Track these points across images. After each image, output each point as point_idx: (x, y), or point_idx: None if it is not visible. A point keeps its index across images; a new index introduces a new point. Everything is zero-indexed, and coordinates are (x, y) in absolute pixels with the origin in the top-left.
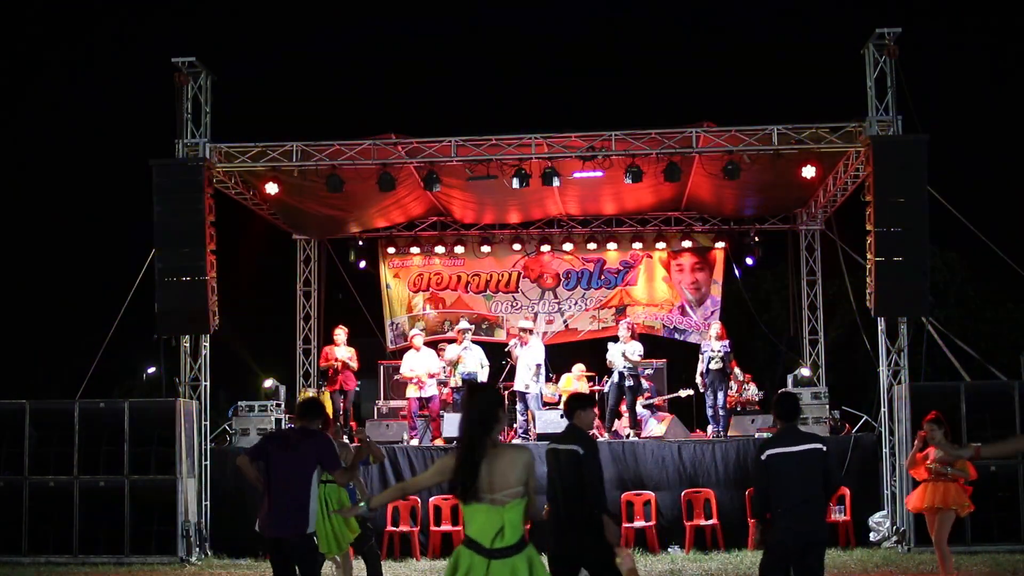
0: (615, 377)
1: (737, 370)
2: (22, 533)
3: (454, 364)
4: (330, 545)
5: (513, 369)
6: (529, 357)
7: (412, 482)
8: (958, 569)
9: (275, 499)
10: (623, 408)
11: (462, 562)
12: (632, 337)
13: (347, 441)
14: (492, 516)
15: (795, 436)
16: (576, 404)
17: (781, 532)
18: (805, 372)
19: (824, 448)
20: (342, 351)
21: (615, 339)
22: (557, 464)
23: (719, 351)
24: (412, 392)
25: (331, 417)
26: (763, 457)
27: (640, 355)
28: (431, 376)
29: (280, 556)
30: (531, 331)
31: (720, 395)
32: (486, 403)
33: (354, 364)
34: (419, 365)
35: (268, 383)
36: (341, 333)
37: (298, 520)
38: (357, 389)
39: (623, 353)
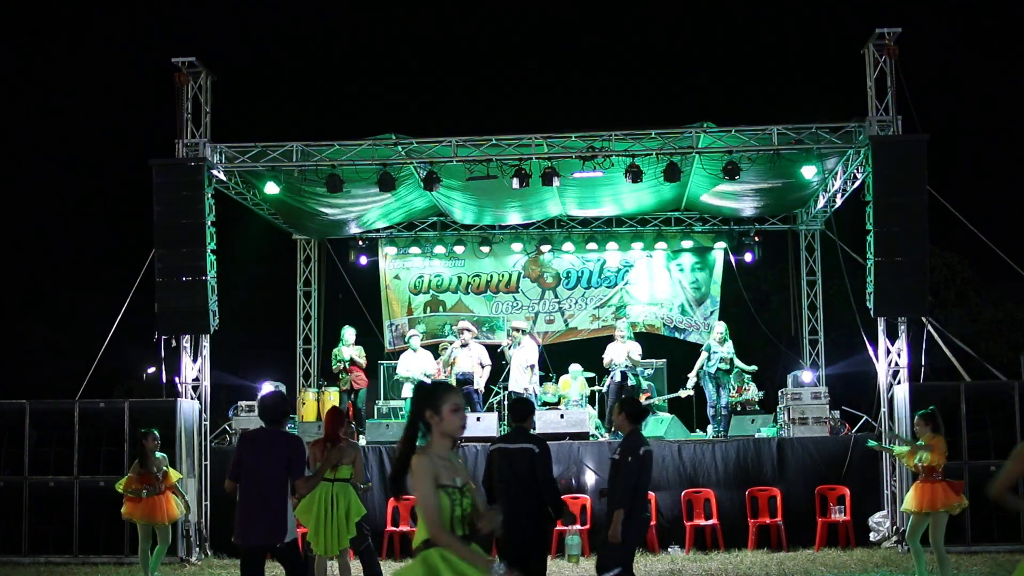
0: (616, 376)
1: (741, 364)
2: (22, 533)
3: (450, 365)
4: (330, 545)
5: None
6: (521, 357)
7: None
8: (957, 569)
9: (250, 506)
10: None
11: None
12: (631, 337)
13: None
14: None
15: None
16: (531, 409)
17: (637, 525)
18: (806, 373)
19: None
20: (349, 350)
21: (612, 339)
22: (509, 462)
23: (722, 353)
24: (408, 392)
25: (336, 416)
26: (641, 452)
27: (640, 355)
28: (426, 376)
29: (254, 567)
30: (523, 331)
31: (723, 395)
32: (421, 403)
33: (362, 361)
34: (414, 365)
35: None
36: (349, 334)
37: (277, 528)
38: (367, 388)
39: (628, 353)
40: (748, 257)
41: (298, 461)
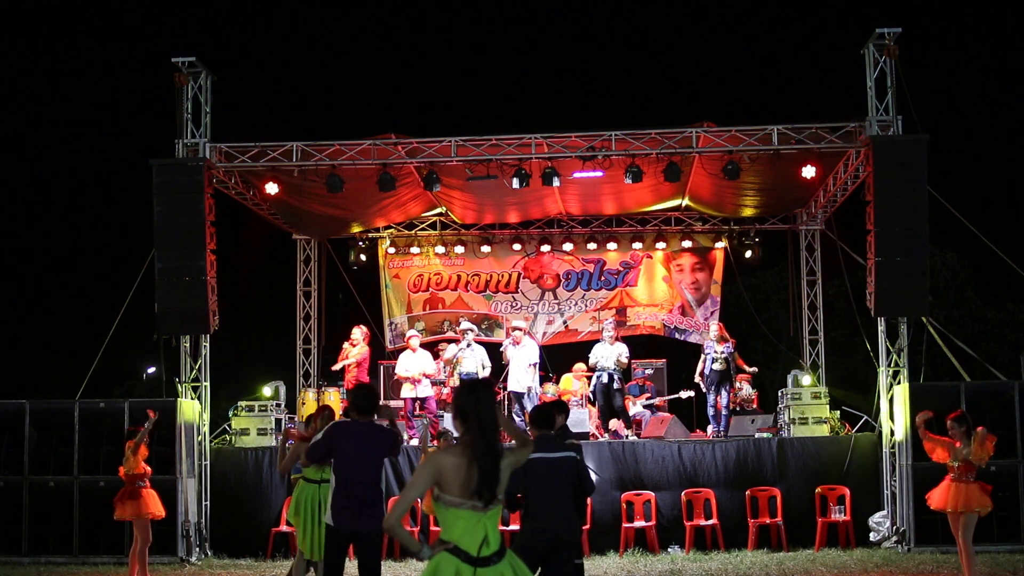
0: (603, 378)
1: (742, 366)
2: (22, 533)
3: (453, 364)
4: (316, 550)
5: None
6: (523, 357)
7: (409, 495)
8: (957, 569)
9: (351, 492)
10: (627, 405)
11: (446, 571)
12: (617, 338)
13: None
14: (473, 522)
15: (552, 444)
16: (565, 409)
17: (530, 534)
18: (804, 375)
19: (577, 456)
20: (355, 351)
21: (599, 340)
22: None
23: (721, 352)
24: (407, 392)
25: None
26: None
27: (627, 357)
28: (425, 376)
29: (341, 549)
30: (524, 331)
31: (724, 395)
32: (494, 402)
33: (363, 364)
34: (413, 365)
35: (268, 390)
36: (356, 332)
37: (378, 513)
38: None
39: (617, 356)
40: (748, 257)
41: (398, 450)
